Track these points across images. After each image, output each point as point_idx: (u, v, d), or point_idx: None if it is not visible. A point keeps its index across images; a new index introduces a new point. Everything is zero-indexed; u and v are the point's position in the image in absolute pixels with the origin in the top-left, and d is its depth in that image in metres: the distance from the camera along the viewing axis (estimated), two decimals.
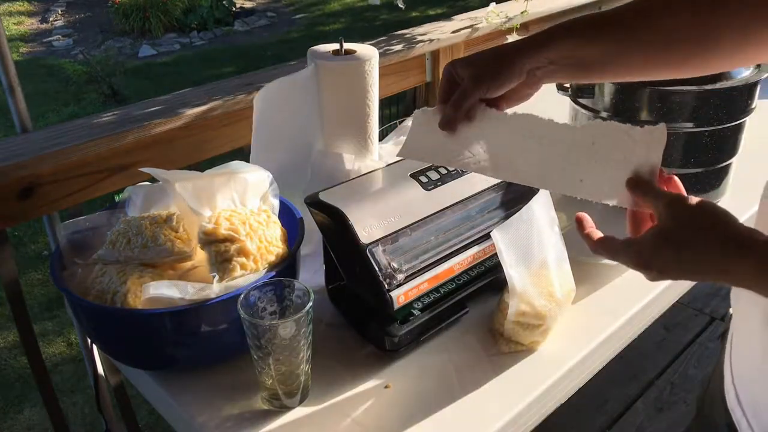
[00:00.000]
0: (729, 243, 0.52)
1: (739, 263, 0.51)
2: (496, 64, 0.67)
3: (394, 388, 0.77)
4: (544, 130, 0.66)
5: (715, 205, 0.55)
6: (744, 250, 0.51)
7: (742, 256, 0.51)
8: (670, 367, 1.90)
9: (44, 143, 0.99)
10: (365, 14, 7.44)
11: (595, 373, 0.87)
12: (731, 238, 0.52)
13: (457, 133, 0.68)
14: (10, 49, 1.02)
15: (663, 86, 1.00)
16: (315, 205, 0.81)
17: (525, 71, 0.66)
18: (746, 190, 1.15)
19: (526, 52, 0.66)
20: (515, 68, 0.66)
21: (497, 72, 0.66)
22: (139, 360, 0.81)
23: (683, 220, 0.55)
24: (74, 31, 6.88)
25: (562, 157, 0.64)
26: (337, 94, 0.96)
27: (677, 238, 0.54)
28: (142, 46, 6.40)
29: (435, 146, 0.69)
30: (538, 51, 0.66)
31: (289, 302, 0.73)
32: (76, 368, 2.25)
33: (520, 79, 0.67)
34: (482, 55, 0.68)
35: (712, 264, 0.53)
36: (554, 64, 0.66)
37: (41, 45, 6.61)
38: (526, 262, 0.79)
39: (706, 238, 0.53)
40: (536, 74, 0.67)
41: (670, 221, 0.55)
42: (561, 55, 0.65)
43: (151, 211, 0.82)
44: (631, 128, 0.62)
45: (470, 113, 0.68)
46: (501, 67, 0.66)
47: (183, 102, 1.14)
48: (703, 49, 0.62)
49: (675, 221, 0.55)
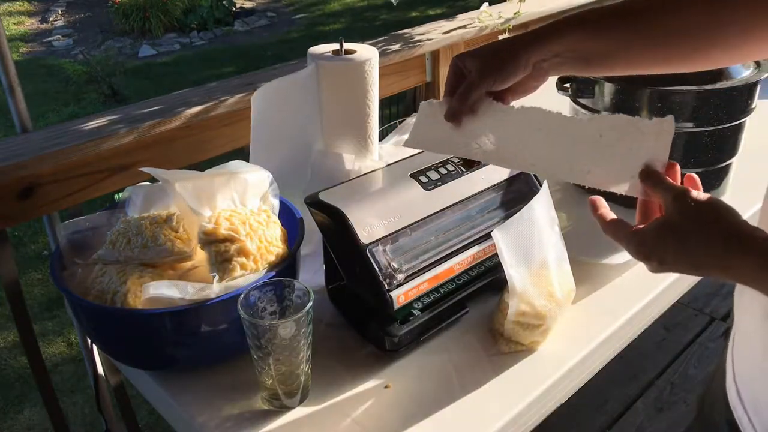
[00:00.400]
0: (732, 239, 0.52)
1: (741, 259, 0.52)
2: (502, 57, 0.67)
3: (394, 388, 0.77)
4: (550, 123, 0.66)
5: (721, 201, 0.55)
6: (746, 246, 0.51)
7: (744, 253, 0.51)
8: (670, 367, 1.90)
9: (44, 143, 0.99)
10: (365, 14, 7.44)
11: (595, 373, 0.87)
12: (734, 234, 0.52)
13: (463, 125, 0.69)
14: (10, 49, 1.02)
15: (663, 86, 1.00)
16: (315, 205, 0.81)
17: (531, 64, 0.67)
18: (746, 190, 1.15)
19: (531, 45, 0.66)
20: (521, 61, 0.67)
21: (503, 65, 0.67)
22: (139, 360, 0.81)
23: (688, 214, 0.55)
24: (74, 31, 6.89)
25: (569, 149, 0.64)
26: (337, 94, 0.96)
27: (681, 230, 0.55)
28: (142, 46, 6.40)
29: (441, 137, 0.69)
30: (543, 44, 0.66)
31: (289, 302, 0.73)
32: (76, 368, 2.25)
33: (526, 72, 0.67)
34: (489, 48, 0.69)
35: (713, 259, 0.53)
36: (559, 57, 0.67)
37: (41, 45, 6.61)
38: (526, 262, 0.79)
39: (710, 233, 0.53)
40: (542, 67, 0.67)
41: (675, 214, 0.56)
42: (566, 48, 0.66)
43: (151, 211, 0.82)
44: (639, 120, 0.62)
45: (475, 106, 0.69)
46: (507, 60, 0.67)
47: (183, 102, 1.14)
48: (710, 44, 0.63)
49: (680, 214, 0.55)
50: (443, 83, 0.95)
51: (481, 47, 0.70)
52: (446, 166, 0.88)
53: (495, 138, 0.68)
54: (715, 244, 0.53)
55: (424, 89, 1.58)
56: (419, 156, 0.92)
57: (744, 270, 0.52)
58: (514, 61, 0.67)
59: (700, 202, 0.55)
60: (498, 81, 0.68)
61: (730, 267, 0.53)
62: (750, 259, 0.51)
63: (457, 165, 0.89)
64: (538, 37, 0.67)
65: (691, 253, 0.54)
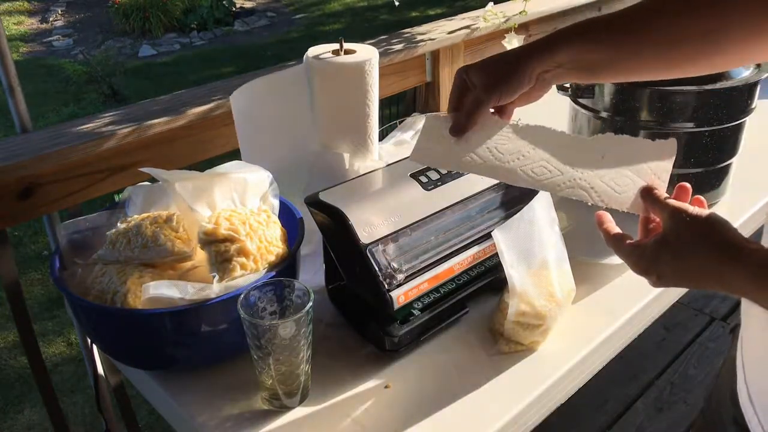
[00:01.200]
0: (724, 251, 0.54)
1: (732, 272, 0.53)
2: (506, 71, 0.68)
3: (394, 388, 0.77)
4: (554, 141, 0.67)
5: (715, 215, 0.56)
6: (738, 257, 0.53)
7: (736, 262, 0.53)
8: (670, 367, 1.90)
9: (44, 143, 0.99)
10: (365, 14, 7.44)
11: (595, 373, 0.87)
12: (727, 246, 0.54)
13: (468, 139, 0.69)
14: (10, 49, 1.02)
15: (663, 86, 1.00)
16: (315, 205, 0.81)
17: (535, 76, 0.68)
18: (746, 190, 1.15)
19: (535, 57, 0.67)
20: (525, 75, 0.67)
21: (508, 80, 0.68)
22: (139, 360, 0.81)
23: (684, 229, 0.57)
24: (74, 31, 6.89)
25: (572, 166, 0.66)
26: (337, 94, 0.96)
27: (676, 245, 0.57)
28: (142, 46, 6.41)
29: (445, 151, 0.70)
30: (547, 55, 0.67)
31: (289, 302, 0.73)
32: (76, 368, 2.25)
33: (531, 85, 0.68)
34: (493, 62, 0.70)
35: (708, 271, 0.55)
36: (562, 68, 0.67)
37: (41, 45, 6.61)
38: (526, 262, 0.79)
39: (703, 246, 0.55)
40: (545, 77, 0.68)
41: (672, 229, 0.58)
42: (569, 58, 0.66)
43: (151, 211, 0.82)
44: (642, 141, 0.64)
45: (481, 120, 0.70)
46: (512, 74, 0.67)
47: (183, 102, 1.14)
48: (712, 48, 0.63)
49: (676, 229, 0.57)
50: (443, 83, 0.96)
51: (485, 61, 0.70)
52: None
53: (498, 154, 0.68)
54: (709, 256, 0.55)
55: (424, 89, 1.58)
56: None
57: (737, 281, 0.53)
58: (519, 75, 0.67)
59: (694, 216, 0.57)
60: (504, 96, 0.68)
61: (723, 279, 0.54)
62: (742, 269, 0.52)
63: None
64: (540, 49, 0.67)
65: (687, 266, 0.56)
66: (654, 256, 0.58)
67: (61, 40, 6.65)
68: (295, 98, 1.00)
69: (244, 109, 0.95)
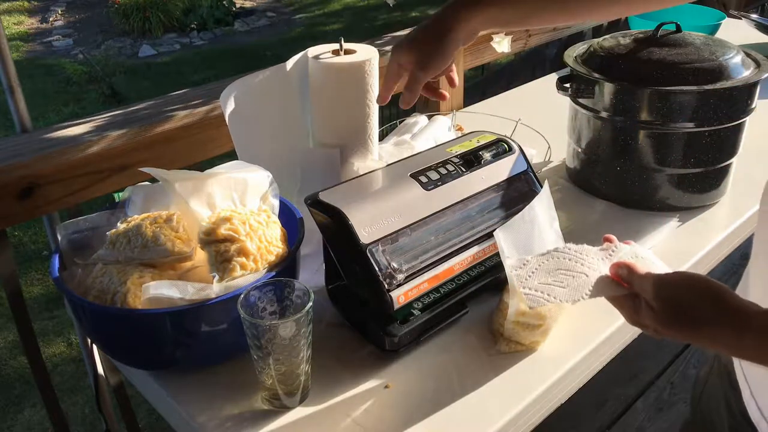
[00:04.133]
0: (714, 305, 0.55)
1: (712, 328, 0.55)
2: (435, 48, 0.80)
3: (394, 388, 0.77)
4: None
5: (692, 273, 0.60)
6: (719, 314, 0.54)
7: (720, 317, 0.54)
8: (670, 367, 1.90)
9: (44, 143, 0.99)
10: (365, 14, 7.44)
11: (595, 373, 0.87)
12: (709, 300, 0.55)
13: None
14: (10, 49, 1.02)
15: (663, 86, 1.00)
16: (315, 205, 0.81)
17: (459, 45, 0.81)
18: (746, 190, 1.15)
19: (458, 28, 0.79)
20: (451, 47, 0.80)
21: (438, 56, 0.81)
22: (139, 360, 0.81)
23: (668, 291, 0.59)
24: (74, 31, 6.89)
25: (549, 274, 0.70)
26: (337, 94, 0.96)
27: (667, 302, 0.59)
28: (142, 46, 6.41)
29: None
30: (468, 23, 0.79)
31: (289, 302, 0.73)
32: (76, 368, 2.25)
33: (457, 50, 0.82)
34: (420, 40, 0.82)
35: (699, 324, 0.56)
36: (482, 29, 0.81)
37: (41, 45, 6.61)
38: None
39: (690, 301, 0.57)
40: (467, 40, 0.82)
41: (658, 295, 0.59)
42: (489, 23, 0.80)
43: (151, 211, 0.82)
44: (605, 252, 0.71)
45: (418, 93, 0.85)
46: (440, 50, 0.80)
47: (183, 102, 1.14)
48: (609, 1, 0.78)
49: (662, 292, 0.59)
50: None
51: (413, 39, 0.82)
52: (446, 166, 0.88)
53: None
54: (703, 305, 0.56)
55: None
56: (419, 156, 0.92)
57: (720, 337, 0.54)
58: (447, 49, 0.80)
59: (676, 277, 0.59)
60: (438, 70, 0.83)
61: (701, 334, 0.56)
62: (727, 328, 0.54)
63: (457, 165, 0.89)
64: (461, 17, 0.78)
65: (678, 320, 0.58)
66: (646, 313, 0.62)
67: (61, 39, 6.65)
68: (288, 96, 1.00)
69: (233, 109, 0.95)
